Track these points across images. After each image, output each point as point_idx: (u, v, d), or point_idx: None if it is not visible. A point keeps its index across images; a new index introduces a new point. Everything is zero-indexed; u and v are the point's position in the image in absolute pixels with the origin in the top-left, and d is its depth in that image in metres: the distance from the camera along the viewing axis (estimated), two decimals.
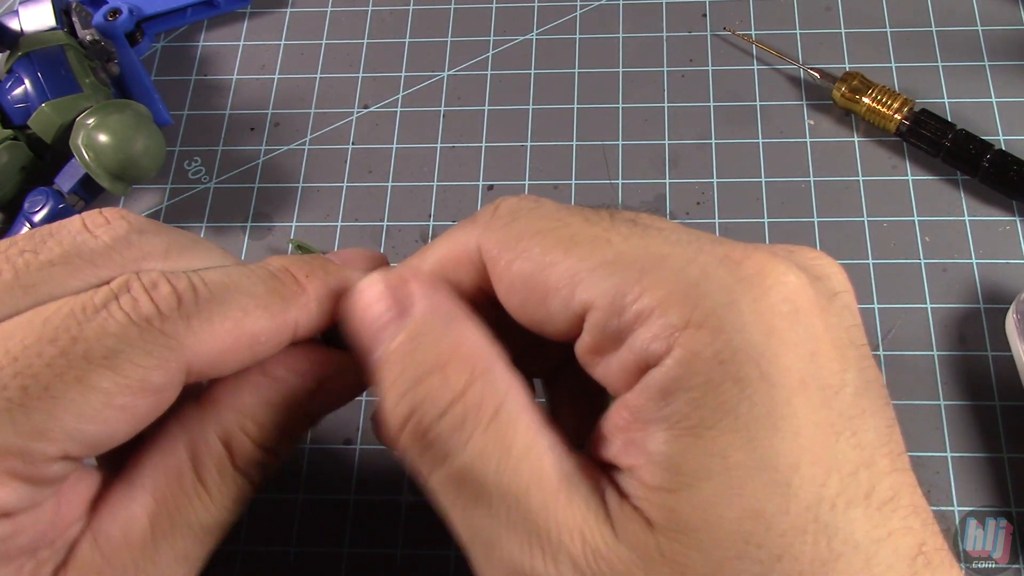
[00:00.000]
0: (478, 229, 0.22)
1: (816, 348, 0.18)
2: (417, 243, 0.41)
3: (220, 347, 0.20)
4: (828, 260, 0.22)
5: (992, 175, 0.39)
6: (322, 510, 0.36)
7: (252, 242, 0.42)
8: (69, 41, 0.42)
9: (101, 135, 0.39)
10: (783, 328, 0.18)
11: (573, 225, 0.20)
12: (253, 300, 0.21)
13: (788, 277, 0.19)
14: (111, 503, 0.21)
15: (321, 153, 0.44)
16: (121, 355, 0.19)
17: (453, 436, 0.19)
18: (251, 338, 0.21)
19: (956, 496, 0.34)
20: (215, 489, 0.22)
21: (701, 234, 0.20)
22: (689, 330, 0.18)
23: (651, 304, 0.18)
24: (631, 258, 0.19)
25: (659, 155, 0.42)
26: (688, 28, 0.46)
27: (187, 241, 0.22)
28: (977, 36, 0.44)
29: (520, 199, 0.22)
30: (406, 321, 0.21)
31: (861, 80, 0.41)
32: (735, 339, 0.18)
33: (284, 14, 0.48)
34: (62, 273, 0.20)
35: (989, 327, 0.37)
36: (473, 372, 0.20)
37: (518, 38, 0.46)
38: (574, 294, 0.19)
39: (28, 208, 0.40)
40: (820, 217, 0.40)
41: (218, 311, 0.20)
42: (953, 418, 0.35)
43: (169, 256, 0.22)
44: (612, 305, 0.19)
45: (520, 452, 0.19)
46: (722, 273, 0.18)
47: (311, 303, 0.22)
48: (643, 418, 0.18)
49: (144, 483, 0.21)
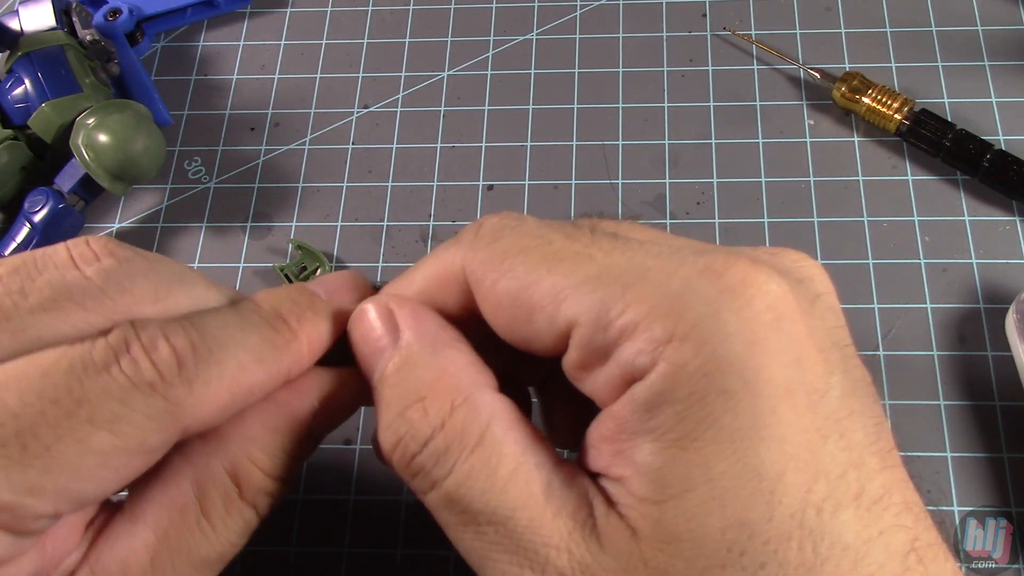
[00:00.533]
0: (462, 250, 0.22)
1: (800, 354, 0.18)
2: (417, 243, 0.41)
3: (218, 406, 0.21)
4: (810, 262, 0.22)
5: (992, 175, 0.39)
6: (322, 510, 0.36)
7: (252, 242, 0.42)
8: (69, 41, 0.42)
9: (101, 135, 0.39)
10: (766, 337, 0.18)
11: (555, 242, 0.20)
12: (249, 354, 0.21)
13: (770, 285, 0.19)
14: (111, 536, 0.21)
15: (321, 153, 0.44)
16: (124, 419, 0.19)
17: (437, 464, 0.20)
18: (247, 392, 0.21)
19: (956, 496, 0.34)
20: (220, 524, 0.22)
21: (683, 244, 0.20)
22: (673, 343, 0.18)
23: (635, 319, 0.18)
24: (614, 273, 0.19)
25: (659, 155, 0.42)
26: (688, 28, 0.45)
27: (173, 277, 0.22)
28: (977, 36, 0.44)
29: (502, 217, 0.22)
30: (398, 348, 0.21)
31: (861, 80, 0.41)
32: (718, 350, 0.18)
33: (284, 14, 0.48)
34: (53, 319, 0.20)
35: (989, 327, 0.37)
36: (455, 401, 0.20)
37: (518, 38, 0.46)
38: (559, 311, 0.20)
39: (28, 208, 0.40)
40: (820, 217, 0.40)
41: (216, 372, 0.20)
42: (953, 418, 0.35)
43: (159, 298, 0.21)
44: (596, 321, 0.19)
45: (506, 474, 0.19)
46: (704, 284, 0.19)
47: (303, 348, 0.23)
48: (630, 430, 0.19)
49: (147, 518, 0.21)
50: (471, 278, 0.21)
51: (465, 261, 0.22)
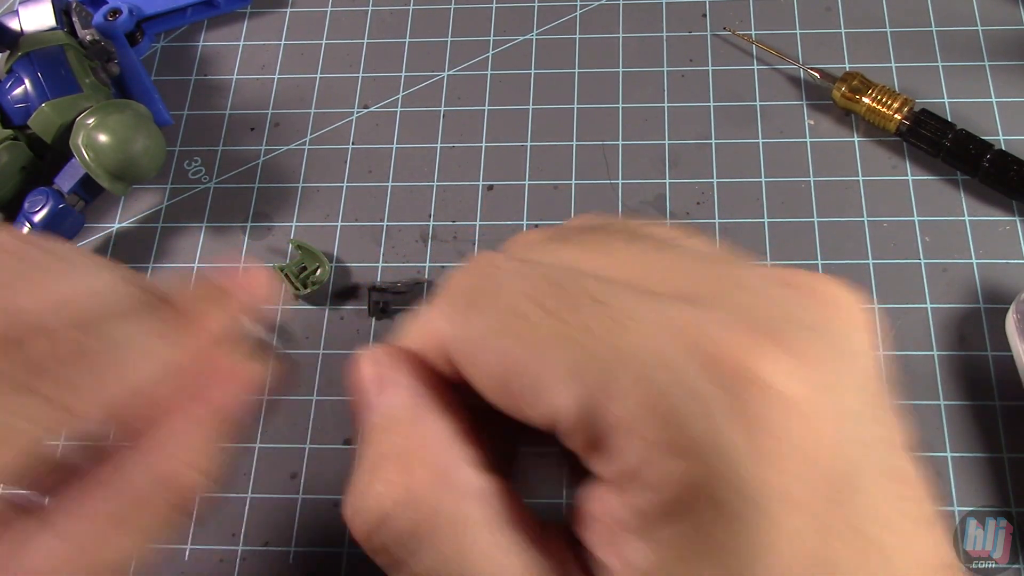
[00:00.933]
0: (441, 319, 0.21)
1: (817, 455, 0.16)
2: (417, 243, 0.41)
3: (107, 402, 0.20)
4: (844, 306, 0.18)
5: (992, 175, 0.39)
6: (322, 510, 0.36)
7: (252, 242, 0.42)
8: (69, 41, 0.42)
9: (101, 135, 0.39)
10: (773, 445, 0.16)
11: (532, 316, 0.19)
12: (138, 348, 0.21)
13: (779, 380, 0.16)
14: (29, 545, 0.21)
15: (321, 153, 0.44)
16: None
17: (402, 545, 0.19)
18: (141, 386, 0.21)
19: (956, 496, 0.34)
20: (142, 529, 0.22)
21: (671, 307, 0.18)
22: (663, 452, 0.16)
23: (622, 417, 0.17)
24: (597, 358, 0.17)
25: (659, 155, 0.42)
26: (688, 28, 0.45)
27: (60, 264, 0.21)
28: (977, 36, 0.44)
29: (471, 273, 0.20)
30: (380, 406, 0.21)
31: (861, 80, 0.41)
32: (714, 463, 0.16)
33: (284, 14, 0.48)
34: None
35: (989, 327, 0.37)
36: (429, 475, 0.19)
37: (518, 38, 0.46)
38: (541, 402, 0.18)
39: (28, 208, 0.40)
40: (820, 217, 0.40)
41: (102, 368, 0.20)
42: (953, 418, 0.35)
43: (41, 288, 0.21)
44: (582, 417, 0.17)
45: (477, 559, 0.18)
46: (697, 377, 0.16)
47: (199, 338, 0.22)
48: (623, 523, 0.17)
49: (64, 527, 0.21)
50: (452, 357, 0.20)
51: (444, 337, 0.20)
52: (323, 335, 0.39)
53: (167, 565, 0.35)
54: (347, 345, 0.39)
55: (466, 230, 0.41)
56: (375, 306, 0.39)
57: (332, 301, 0.40)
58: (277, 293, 0.41)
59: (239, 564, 0.35)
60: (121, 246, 0.42)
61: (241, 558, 0.35)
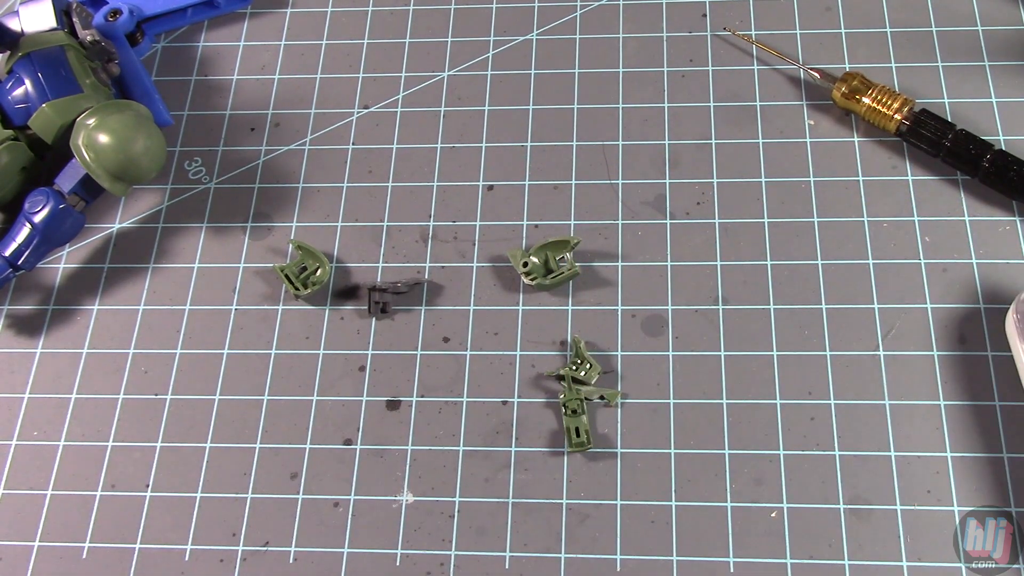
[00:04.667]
0: None
1: None
2: (417, 243, 0.41)
3: None
4: None
5: (992, 175, 0.39)
6: (322, 510, 0.36)
7: (252, 242, 0.42)
8: (69, 41, 0.42)
9: (101, 135, 0.39)
10: None
11: None
12: None
13: None
14: None
15: (321, 153, 0.44)
16: None
17: None
18: None
19: (956, 496, 0.34)
20: None
21: None
22: None
23: None
24: None
25: (659, 155, 0.42)
26: (688, 28, 0.46)
27: None
28: (977, 36, 0.44)
29: None
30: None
31: (861, 80, 0.41)
32: None
33: (284, 14, 0.48)
34: None
35: (989, 327, 0.37)
36: None
37: (518, 38, 0.46)
38: None
39: (28, 208, 0.40)
40: (820, 217, 0.40)
41: None
42: (953, 418, 0.35)
43: None
44: None
45: None
46: None
47: None
48: None
49: None
50: None
51: None
52: (323, 335, 0.39)
53: (167, 565, 0.35)
54: (347, 345, 0.39)
55: (466, 230, 0.41)
56: (375, 306, 0.39)
57: (332, 301, 0.40)
58: (277, 293, 0.41)
59: (239, 564, 0.35)
60: (121, 246, 0.42)
61: (241, 558, 0.35)
